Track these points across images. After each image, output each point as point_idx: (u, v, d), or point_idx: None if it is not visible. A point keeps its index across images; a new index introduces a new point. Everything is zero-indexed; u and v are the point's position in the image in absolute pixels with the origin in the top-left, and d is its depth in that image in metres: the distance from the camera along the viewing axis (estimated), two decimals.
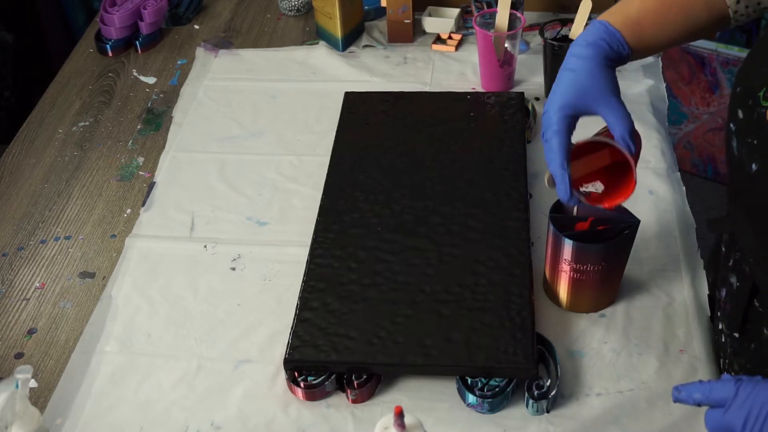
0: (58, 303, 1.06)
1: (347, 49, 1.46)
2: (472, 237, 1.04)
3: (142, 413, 0.92)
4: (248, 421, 0.91)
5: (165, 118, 1.35)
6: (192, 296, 1.05)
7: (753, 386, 0.70)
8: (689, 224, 1.09)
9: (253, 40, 1.52)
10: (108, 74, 1.46)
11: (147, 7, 1.50)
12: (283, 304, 1.02)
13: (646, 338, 0.96)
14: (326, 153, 1.20)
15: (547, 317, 0.99)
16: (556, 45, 1.25)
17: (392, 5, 1.43)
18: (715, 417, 0.72)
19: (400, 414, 0.71)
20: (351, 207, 1.09)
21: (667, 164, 1.19)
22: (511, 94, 1.27)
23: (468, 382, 0.90)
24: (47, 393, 0.95)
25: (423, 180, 1.13)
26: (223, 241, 1.12)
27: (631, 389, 0.91)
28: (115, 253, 1.12)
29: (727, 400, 0.71)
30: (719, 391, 0.71)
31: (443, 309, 0.96)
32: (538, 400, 0.88)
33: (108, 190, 1.22)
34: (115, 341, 1.00)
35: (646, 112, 1.27)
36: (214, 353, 0.98)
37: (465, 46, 1.45)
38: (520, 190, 1.10)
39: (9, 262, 1.12)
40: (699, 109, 2.25)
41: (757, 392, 0.70)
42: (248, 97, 1.37)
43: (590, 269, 0.94)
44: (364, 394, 0.91)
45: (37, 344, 1.01)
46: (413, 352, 0.91)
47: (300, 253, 1.06)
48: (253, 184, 1.20)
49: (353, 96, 1.29)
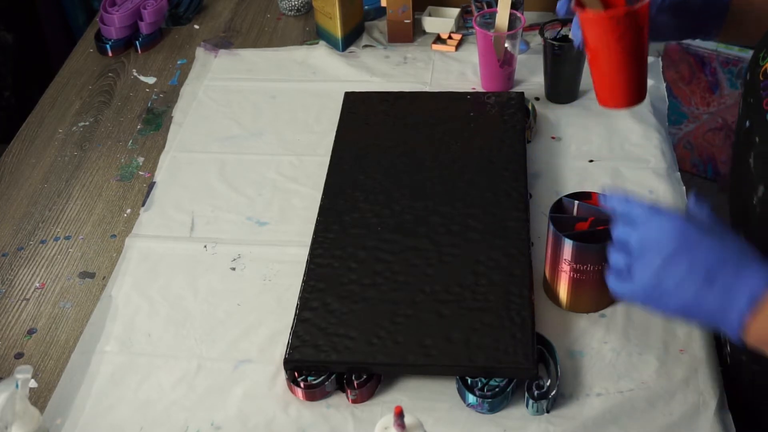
0: (58, 303, 1.06)
1: (347, 49, 1.46)
2: (472, 237, 1.04)
3: (142, 413, 0.92)
4: (248, 421, 0.91)
5: (165, 118, 1.35)
6: (192, 296, 1.05)
7: (667, 216, 0.74)
8: None
9: (253, 40, 1.52)
10: (108, 74, 1.46)
11: (147, 7, 1.50)
12: (283, 304, 1.02)
13: (646, 338, 0.96)
14: (326, 153, 1.20)
15: (547, 317, 0.99)
16: (556, 45, 1.25)
17: (392, 5, 1.43)
18: (624, 231, 0.76)
19: (400, 414, 0.71)
20: (351, 207, 1.09)
21: (667, 164, 1.19)
22: (511, 94, 1.27)
23: (468, 382, 0.90)
24: (47, 393, 0.95)
25: (423, 180, 1.13)
26: (223, 241, 1.12)
27: (631, 389, 0.91)
28: (115, 253, 1.12)
29: (640, 220, 0.75)
30: (637, 211, 0.75)
31: (443, 309, 0.96)
32: (538, 400, 0.88)
33: (108, 190, 1.22)
34: (115, 341, 1.00)
35: (646, 112, 1.27)
36: (214, 353, 0.98)
37: (465, 46, 1.45)
38: (520, 190, 1.10)
39: (9, 262, 1.12)
40: (699, 109, 2.25)
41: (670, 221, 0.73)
42: (248, 97, 1.37)
43: (590, 269, 0.94)
44: (364, 394, 0.91)
45: (37, 344, 1.01)
46: (413, 352, 0.92)
47: (300, 253, 1.06)
48: (253, 184, 1.20)
49: (353, 96, 1.29)
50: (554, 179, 1.17)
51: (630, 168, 1.18)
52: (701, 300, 0.71)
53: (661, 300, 0.73)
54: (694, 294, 0.71)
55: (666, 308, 0.73)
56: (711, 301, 0.70)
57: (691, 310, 0.72)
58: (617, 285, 0.77)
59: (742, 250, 0.71)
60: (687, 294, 0.71)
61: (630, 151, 1.21)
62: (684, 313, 0.73)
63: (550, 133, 1.25)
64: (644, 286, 0.73)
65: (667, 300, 0.72)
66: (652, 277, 0.72)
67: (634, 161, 1.19)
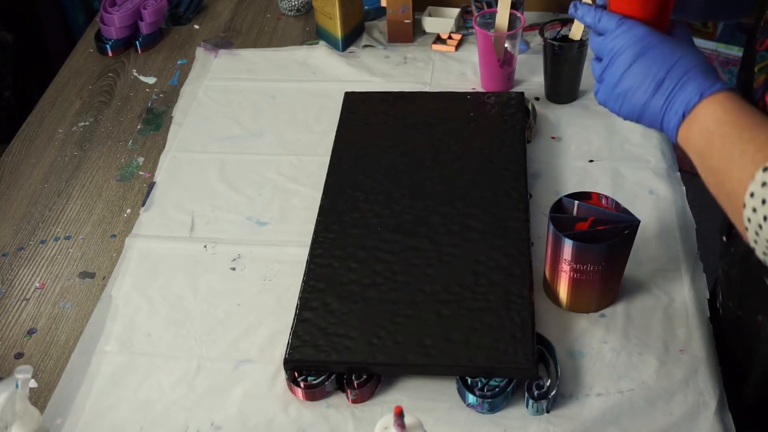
0: (58, 303, 1.06)
1: (347, 49, 1.46)
2: (472, 237, 1.04)
3: (142, 413, 0.92)
4: (248, 421, 0.91)
5: (165, 118, 1.35)
6: (192, 296, 1.05)
7: (630, 26, 0.82)
8: (689, 224, 1.09)
9: (253, 40, 1.52)
10: (108, 74, 1.46)
11: (147, 7, 1.50)
12: (283, 304, 1.02)
13: (646, 338, 0.96)
14: (326, 153, 1.20)
15: (547, 317, 0.99)
16: (556, 45, 1.25)
17: (392, 5, 1.43)
18: (597, 41, 0.85)
19: (400, 414, 0.71)
20: (351, 207, 1.09)
21: (667, 164, 1.19)
22: (511, 94, 1.27)
23: (468, 382, 0.90)
24: (47, 393, 0.95)
25: (423, 180, 1.13)
26: (223, 241, 1.12)
27: (631, 389, 0.91)
28: (115, 253, 1.12)
29: (608, 30, 0.83)
30: (606, 21, 0.83)
31: (443, 309, 0.96)
32: (538, 400, 0.88)
33: (108, 190, 1.22)
34: (115, 341, 1.00)
35: None
36: (214, 353, 0.98)
37: (465, 46, 1.45)
38: (520, 190, 1.10)
39: (9, 262, 1.12)
40: None
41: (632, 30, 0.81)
42: (248, 97, 1.37)
43: (590, 269, 0.94)
44: (364, 394, 0.91)
45: (37, 344, 1.01)
46: (413, 352, 0.92)
47: (300, 253, 1.06)
48: (253, 184, 1.20)
49: (353, 96, 1.29)
50: (554, 179, 1.17)
51: (630, 168, 1.18)
52: (649, 104, 0.79)
53: (617, 102, 0.82)
54: (645, 99, 0.80)
55: (622, 110, 0.82)
56: (655, 105, 0.79)
57: (642, 114, 0.81)
58: (595, 87, 0.86)
59: (693, 64, 0.78)
60: (639, 98, 0.80)
61: (630, 151, 1.21)
62: (636, 115, 0.81)
63: (550, 133, 1.25)
64: (607, 89, 0.83)
65: (623, 103, 0.82)
66: (614, 82, 0.82)
67: (634, 161, 1.19)
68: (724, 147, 0.72)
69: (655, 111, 0.79)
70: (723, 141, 0.72)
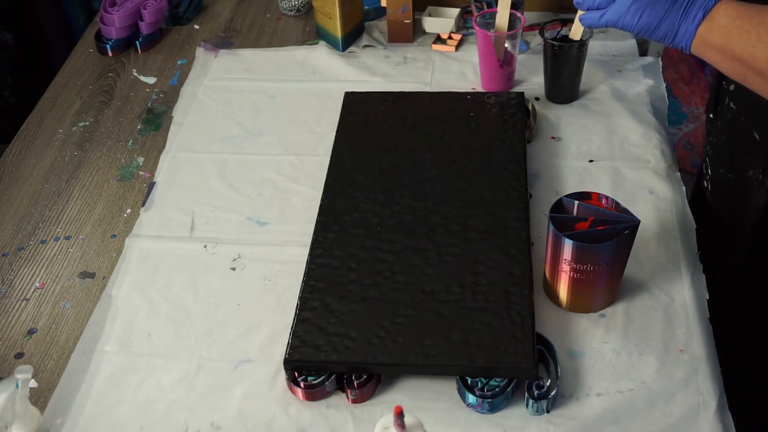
0: (58, 303, 1.06)
1: (347, 49, 1.46)
2: (472, 237, 1.04)
3: (142, 413, 0.92)
4: (248, 421, 0.91)
5: (165, 118, 1.35)
6: (192, 296, 1.05)
7: None
8: (689, 224, 1.09)
9: (253, 40, 1.52)
10: (108, 74, 1.46)
11: (147, 7, 1.50)
12: (283, 304, 1.02)
13: (646, 338, 0.96)
14: (326, 153, 1.20)
15: (547, 317, 0.99)
16: (556, 45, 1.25)
17: (392, 5, 1.43)
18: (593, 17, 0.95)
19: (400, 414, 0.71)
20: (351, 207, 1.09)
21: (667, 164, 1.19)
22: (511, 94, 1.27)
23: (468, 382, 0.90)
24: (47, 393, 0.95)
25: (423, 180, 1.13)
26: (223, 241, 1.12)
27: (631, 389, 0.91)
28: (115, 253, 1.12)
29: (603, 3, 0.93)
30: None
31: (443, 309, 0.96)
32: (538, 400, 0.88)
33: (108, 190, 1.22)
34: (115, 341, 1.00)
35: (646, 112, 1.27)
36: (214, 353, 0.98)
37: (465, 46, 1.45)
38: (520, 190, 1.10)
39: (9, 262, 1.12)
40: (699, 109, 2.25)
41: None
42: (248, 97, 1.37)
43: (590, 269, 0.94)
44: (364, 394, 0.91)
45: (37, 344, 1.01)
46: (413, 352, 0.92)
47: (300, 253, 1.06)
48: (253, 184, 1.20)
49: (353, 96, 1.29)
50: (554, 179, 1.17)
51: (630, 168, 1.18)
52: (669, 13, 0.89)
53: (635, 16, 0.91)
54: (666, 7, 0.89)
55: (639, 23, 0.91)
56: (675, 13, 0.88)
57: (659, 24, 0.90)
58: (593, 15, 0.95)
59: None
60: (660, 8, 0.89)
61: (630, 151, 1.21)
62: (653, 27, 0.90)
63: (550, 133, 1.25)
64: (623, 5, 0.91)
65: (642, 15, 0.90)
66: None
67: (634, 161, 1.19)
68: (741, 37, 0.84)
69: (674, 19, 0.89)
70: (739, 32, 0.84)
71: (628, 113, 1.27)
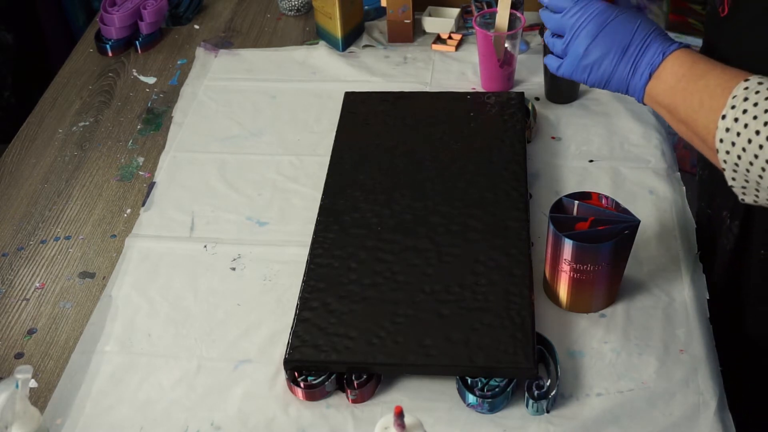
0: (58, 303, 1.06)
1: (347, 49, 1.46)
2: (472, 237, 1.04)
3: (142, 413, 0.92)
4: (248, 421, 0.91)
5: (165, 118, 1.35)
6: (192, 296, 1.05)
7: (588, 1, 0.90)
8: (689, 224, 1.09)
9: (253, 40, 1.52)
10: (108, 74, 1.46)
11: (147, 7, 1.50)
12: (283, 304, 1.02)
13: (646, 338, 0.96)
14: (326, 153, 1.20)
15: (547, 317, 0.99)
16: None
17: (392, 5, 1.43)
18: (555, 18, 0.92)
19: (400, 414, 0.71)
20: (351, 207, 1.09)
21: (667, 164, 1.19)
22: (511, 94, 1.27)
23: (468, 382, 0.90)
24: (47, 393, 0.95)
25: (423, 180, 1.13)
26: (223, 241, 1.12)
27: (631, 389, 0.91)
28: (115, 253, 1.12)
29: (565, 7, 0.91)
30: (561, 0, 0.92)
31: (443, 309, 0.96)
32: (538, 400, 0.88)
33: (108, 190, 1.22)
34: (115, 341, 1.00)
35: (646, 112, 1.27)
36: (214, 353, 0.98)
37: (465, 46, 1.45)
38: (520, 190, 1.10)
39: (9, 262, 1.12)
40: None
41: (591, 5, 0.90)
42: (248, 97, 1.37)
43: (590, 269, 0.94)
44: (364, 394, 0.91)
45: (37, 344, 1.01)
46: (413, 352, 0.92)
47: (300, 253, 1.06)
48: (253, 184, 1.20)
49: (353, 96, 1.29)
50: (554, 179, 1.17)
51: (630, 168, 1.18)
52: (617, 71, 0.88)
53: (584, 73, 0.91)
54: (612, 66, 0.88)
55: (590, 79, 0.91)
56: (622, 71, 0.88)
57: (609, 80, 0.89)
58: (553, 63, 0.95)
59: (650, 29, 0.87)
60: (607, 66, 0.89)
61: (630, 151, 1.21)
62: (603, 82, 0.90)
63: (550, 133, 1.25)
64: (573, 62, 0.91)
65: (591, 72, 0.90)
66: (579, 54, 0.90)
67: (634, 161, 1.19)
68: (686, 100, 0.81)
69: (622, 76, 0.88)
70: (684, 95, 0.81)
71: (628, 113, 1.27)
